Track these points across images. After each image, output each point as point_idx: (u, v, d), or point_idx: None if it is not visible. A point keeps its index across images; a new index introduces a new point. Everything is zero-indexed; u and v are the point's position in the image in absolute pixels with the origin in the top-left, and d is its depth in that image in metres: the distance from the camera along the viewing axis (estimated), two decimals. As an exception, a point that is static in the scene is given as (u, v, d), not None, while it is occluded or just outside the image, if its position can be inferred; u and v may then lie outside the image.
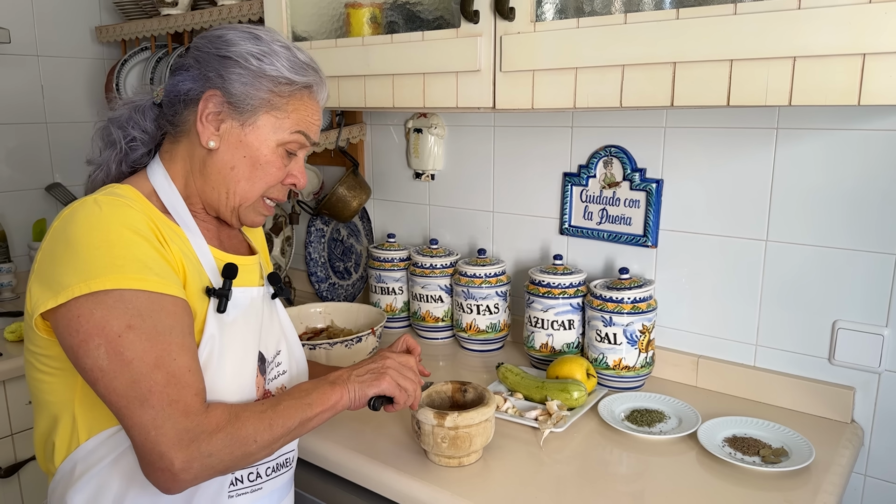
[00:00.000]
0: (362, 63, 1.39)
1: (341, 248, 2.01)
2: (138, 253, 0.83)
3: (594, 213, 1.55)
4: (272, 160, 0.96)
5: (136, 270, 0.81)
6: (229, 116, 0.94)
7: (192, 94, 0.94)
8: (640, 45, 1.04)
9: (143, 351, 0.79)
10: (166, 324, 0.82)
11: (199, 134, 0.94)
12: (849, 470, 1.15)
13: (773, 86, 0.94)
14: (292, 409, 0.89)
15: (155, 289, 0.82)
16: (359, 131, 1.92)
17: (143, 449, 0.79)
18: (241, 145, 0.95)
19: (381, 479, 1.13)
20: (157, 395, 0.79)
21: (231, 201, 0.98)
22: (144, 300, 0.81)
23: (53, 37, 2.26)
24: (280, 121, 0.95)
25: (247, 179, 0.96)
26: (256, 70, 0.92)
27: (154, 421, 0.78)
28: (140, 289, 0.80)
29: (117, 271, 0.80)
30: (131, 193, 0.92)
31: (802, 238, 1.30)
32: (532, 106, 1.18)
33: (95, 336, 0.79)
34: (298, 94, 0.96)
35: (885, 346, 1.24)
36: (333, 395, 0.94)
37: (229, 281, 0.94)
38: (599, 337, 1.41)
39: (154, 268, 0.83)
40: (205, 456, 0.80)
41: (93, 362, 0.79)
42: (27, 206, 2.26)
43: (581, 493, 1.06)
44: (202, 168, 0.96)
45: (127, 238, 0.83)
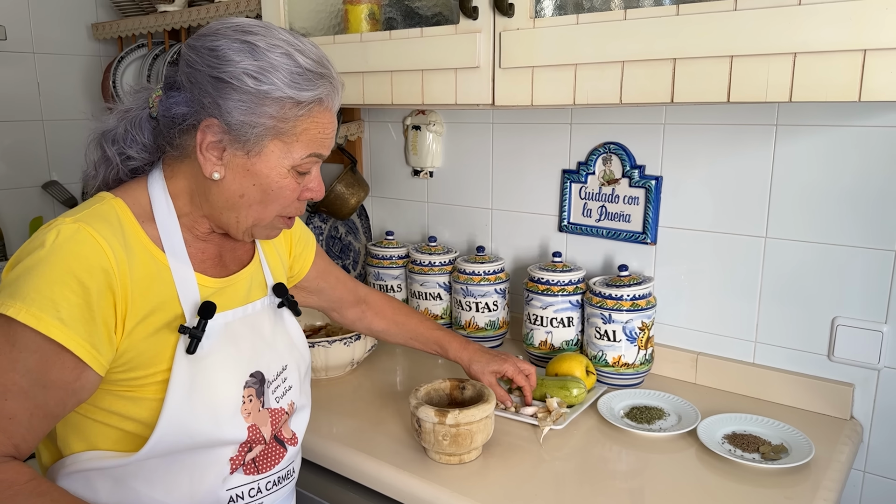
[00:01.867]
0: (360, 60, 1.38)
1: (339, 245, 2.00)
2: (57, 293, 0.78)
3: (593, 210, 1.55)
4: (285, 184, 0.90)
5: (40, 308, 0.77)
6: (231, 146, 0.87)
7: (188, 122, 0.87)
8: (640, 42, 1.03)
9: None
10: (29, 365, 0.78)
11: (202, 165, 0.88)
12: (848, 466, 1.15)
13: (774, 82, 0.94)
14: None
15: (45, 331, 0.77)
16: (357, 128, 1.92)
17: None
18: (249, 174, 0.88)
19: (381, 476, 1.13)
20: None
21: (242, 224, 0.93)
22: (28, 336, 0.77)
23: (50, 34, 2.25)
24: (289, 146, 0.88)
25: (259, 204, 0.91)
26: (255, 93, 0.84)
27: None
28: (28, 325, 0.77)
29: (28, 302, 0.77)
30: (115, 212, 0.87)
31: (802, 235, 1.29)
32: (531, 102, 1.18)
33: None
34: (307, 114, 0.87)
35: (885, 342, 1.24)
36: None
37: (204, 321, 0.88)
38: (599, 334, 1.41)
39: (62, 313, 0.78)
40: None
41: None
42: (23, 204, 2.25)
43: (581, 491, 1.06)
44: (207, 194, 0.91)
45: (57, 276, 0.79)
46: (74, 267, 0.79)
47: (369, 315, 1.34)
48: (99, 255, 0.81)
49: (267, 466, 0.97)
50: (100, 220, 0.84)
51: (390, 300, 1.38)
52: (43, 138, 2.27)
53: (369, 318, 1.34)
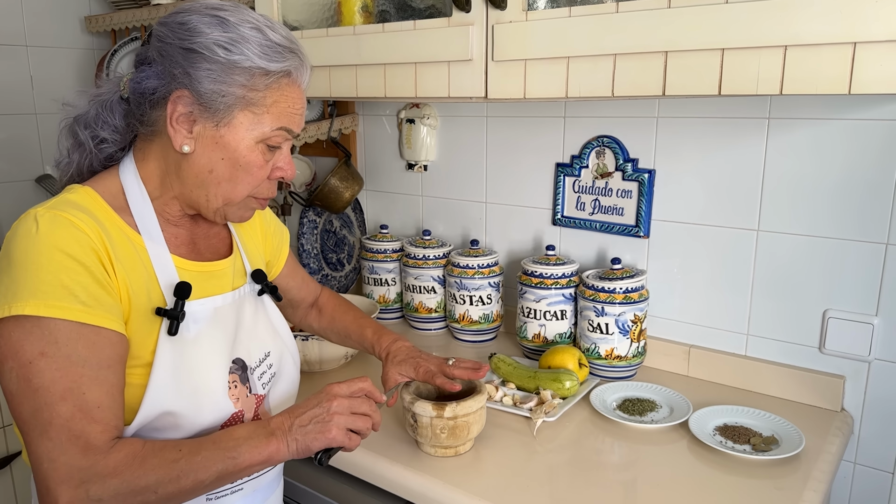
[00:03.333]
0: (354, 53, 1.38)
1: (334, 239, 2.00)
2: (66, 279, 0.78)
3: (586, 203, 1.56)
4: (253, 159, 0.89)
5: (58, 297, 0.77)
6: (201, 116, 0.87)
7: (158, 94, 0.87)
8: (632, 34, 1.04)
9: (51, 381, 0.76)
10: (82, 355, 0.77)
11: (172, 137, 0.87)
12: (838, 458, 1.16)
13: (765, 74, 0.94)
14: (211, 461, 0.81)
15: (75, 318, 0.77)
16: (351, 122, 1.92)
17: (35, 479, 0.76)
18: (218, 147, 0.88)
19: (375, 469, 1.13)
20: (57, 427, 0.75)
21: (213, 203, 0.92)
22: (63, 329, 0.77)
23: (42, 27, 2.24)
24: (258, 116, 0.88)
25: (228, 181, 0.90)
26: (226, 62, 0.84)
27: (49, 454, 0.75)
28: (59, 317, 0.76)
29: (39, 297, 0.76)
30: (86, 200, 0.86)
31: (793, 228, 1.30)
32: (524, 95, 1.18)
33: (9, 359, 0.76)
34: (276, 85, 0.88)
35: (875, 334, 1.24)
36: (268, 447, 0.84)
37: (181, 302, 0.87)
38: (591, 327, 1.41)
39: (80, 296, 0.78)
40: (92, 500, 0.74)
41: (5, 385, 0.77)
42: (17, 198, 2.24)
43: (573, 482, 1.06)
44: (178, 171, 0.90)
45: (57, 262, 0.78)
46: (68, 250, 0.79)
47: (313, 313, 1.31)
48: (82, 237, 0.81)
49: None
50: (72, 207, 0.83)
51: (338, 299, 1.33)
52: (36, 132, 2.26)
53: (313, 316, 1.31)
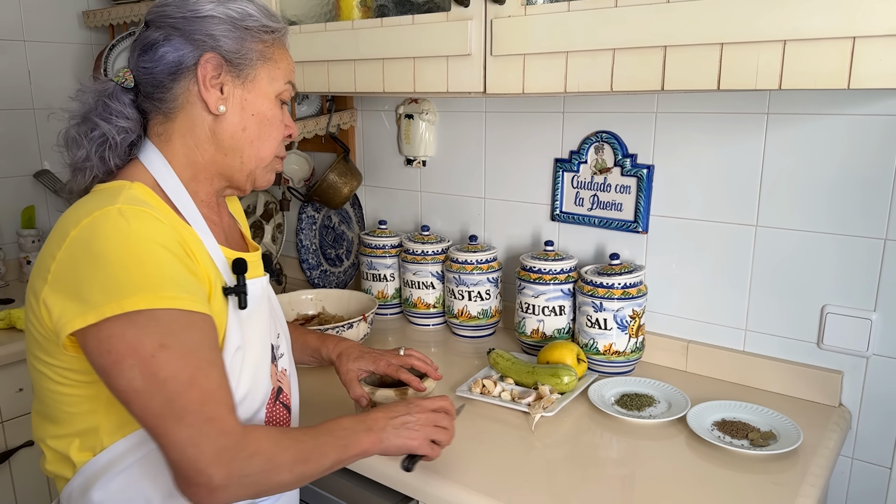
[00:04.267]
0: (352, 47, 1.37)
1: (332, 234, 2.00)
2: (170, 270, 0.79)
3: (585, 199, 1.55)
4: (276, 114, 0.96)
5: (167, 289, 0.78)
6: (229, 76, 0.91)
7: (185, 63, 0.89)
8: (631, 29, 1.03)
9: (176, 370, 0.77)
10: (196, 340, 0.80)
11: (206, 101, 0.90)
12: (836, 453, 1.16)
13: (764, 69, 0.94)
14: (329, 448, 0.88)
15: (185, 307, 0.79)
16: (349, 117, 1.91)
17: (179, 466, 0.77)
18: (248, 104, 0.93)
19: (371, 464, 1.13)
20: (193, 413, 0.77)
21: (247, 165, 0.95)
22: (176, 318, 0.78)
23: (40, 21, 2.23)
24: (273, 71, 0.94)
25: (259, 138, 0.95)
26: (241, 24, 0.90)
27: (192, 439, 0.76)
28: (171, 307, 0.78)
29: (149, 291, 0.77)
30: (150, 198, 0.87)
31: (792, 223, 1.30)
32: (523, 90, 1.18)
33: (128, 357, 0.76)
34: (279, 43, 0.96)
35: (873, 330, 1.24)
36: (367, 440, 0.92)
37: (242, 276, 0.91)
38: (590, 322, 1.41)
39: (184, 285, 0.80)
40: (242, 476, 0.78)
41: (127, 383, 0.77)
42: (15, 193, 2.24)
43: (571, 477, 1.06)
44: (212, 138, 0.92)
45: (158, 255, 0.79)
46: (163, 242, 0.80)
47: None
48: (166, 227, 0.82)
49: None
50: (141, 202, 0.84)
51: None
52: (34, 127, 2.26)
53: None
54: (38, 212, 2.29)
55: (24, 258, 2.18)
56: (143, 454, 0.86)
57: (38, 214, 2.29)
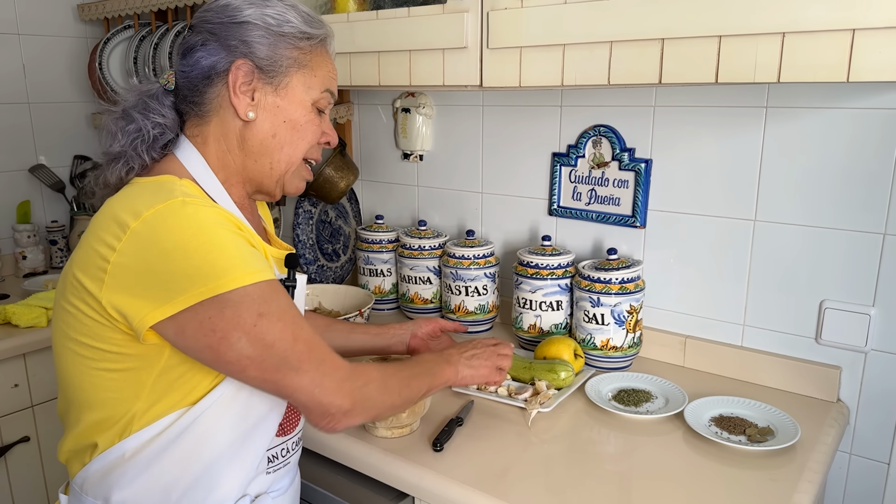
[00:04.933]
0: (348, 40, 1.36)
1: (329, 229, 1.99)
2: (244, 250, 0.84)
3: (583, 193, 1.54)
4: (310, 119, 0.96)
5: (248, 265, 0.83)
6: (261, 83, 0.92)
7: (218, 68, 0.91)
8: (628, 21, 1.02)
9: (279, 332, 0.84)
10: (284, 303, 0.86)
11: (236, 107, 0.92)
12: (834, 448, 1.16)
13: (762, 62, 0.93)
14: (423, 376, 1.02)
15: (265, 277, 0.84)
16: (346, 111, 1.90)
17: (310, 405, 0.86)
18: (279, 110, 0.93)
19: (370, 462, 1.13)
20: (307, 361, 0.85)
21: (276, 170, 0.96)
22: (262, 289, 0.83)
23: (35, 15, 2.22)
24: (309, 79, 0.94)
25: (289, 144, 0.95)
26: (276, 30, 0.91)
27: (314, 380, 0.85)
28: (256, 281, 0.83)
29: (233, 271, 0.81)
30: (200, 194, 0.90)
31: (790, 218, 1.29)
32: (519, 83, 1.17)
33: (233, 331, 0.81)
34: (318, 49, 0.95)
35: (872, 325, 1.24)
36: (449, 370, 1.07)
37: (293, 271, 0.96)
38: (587, 317, 1.40)
39: (258, 259, 0.85)
40: (364, 399, 0.90)
41: (237, 353, 0.82)
42: (10, 188, 2.23)
43: (568, 472, 1.06)
44: (241, 143, 0.94)
45: (229, 238, 0.83)
46: (229, 226, 0.84)
47: None
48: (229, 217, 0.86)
49: (291, 428, 1.02)
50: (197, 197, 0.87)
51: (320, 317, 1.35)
52: (29, 121, 2.25)
53: None
54: (34, 207, 2.28)
55: (19, 253, 2.17)
56: (168, 443, 0.87)
57: (34, 209, 2.28)
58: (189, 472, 0.89)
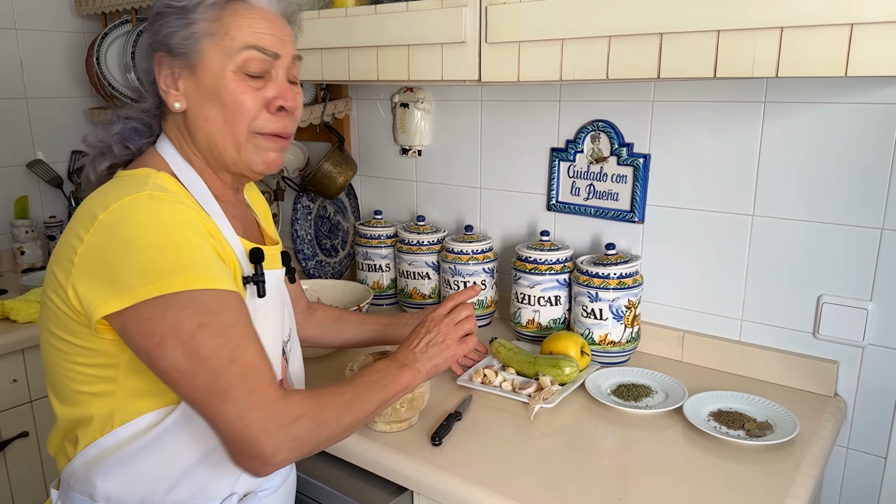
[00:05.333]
0: (346, 35, 1.36)
1: (328, 225, 1.99)
2: (202, 252, 0.81)
3: (581, 188, 1.55)
4: (237, 89, 0.88)
5: (200, 270, 0.79)
6: (180, 69, 0.89)
7: (149, 68, 0.91)
8: (627, 16, 1.02)
9: (217, 347, 0.78)
10: (232, 317, 0.81)
11: (166, 100, 0.90)
12: (831, 443, 1.16)
13: (760, 57, 0.93)
14: (371, 393, 0.93)
15: (218, 286, 0.80)
16: (344, 106, 1.90)
17: (230, 440, 0.79)
18: (203, 91, 0.89)
19: (367, 455, 1.13)
20: (237, 387, 0.78)
21: (226, 153, 0.91)
22: (211, 298, 0.79)
23: (32, 9, 2.21)
24: (224, 45, 0.87)
25: (224, 121, 0.89)
26: (180, 8, 0.87)
27: (238, 413, 0.78)
28: (206, 288, 0.79)
29: (184, 272, 0.78)
30: (175, 187, 0.88)
31: (788, 213, 1.29)
32: (518, 78, 1.17)
33: (170, 338, 0.77)
34: (231, 9, 0.88)
35: (869, 320, 1.24)
36: (405, 377, 0.98)
37: (260, 265, 0.92)
38: (585, 312, 1.40)
39: (215, 265, 0.82)
40: (291, 440, 0.80)
41: (170, 364, 0.78)
42: (8, 183, 2.22)
43: (568, 467, 1.06)
44: (189, 133, 0.92)
45: (190, 238, 0.81)
46: (193, 226, 0.82)
47: (318, 316, 1.31)
48: (194, 214, 0.84)
49: None
50: (167, 191, 0.85)
51: (332, 308, 1.35)
52: (27, 116, 2.24)
53: (319, 318, 1.30)
54: (32, 202, 2.27)
55: (17, 249, 2.17)
56: (150, 442, 0.86)
57: (32, 204, 2.27)
58: (173, 471, 0.88)
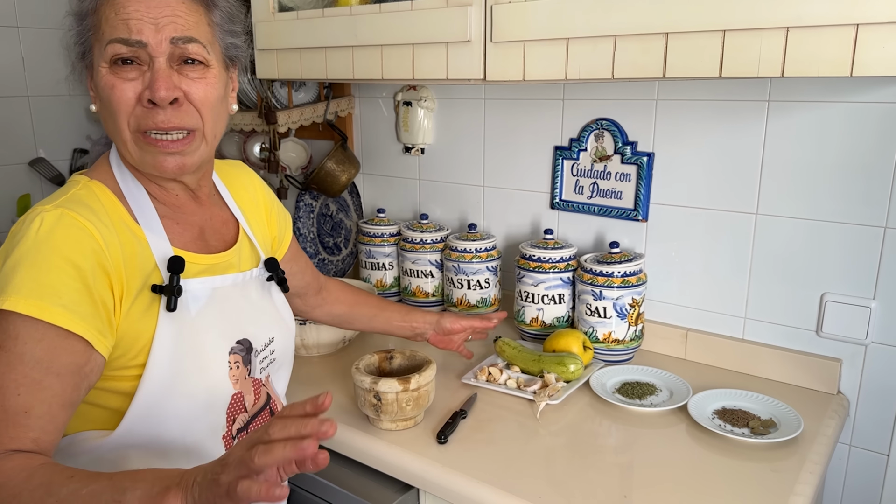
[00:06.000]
0: (350, 34, 1.36)
1: (331, 223, 1.99)
2: (55, 280, 0.77)
3: (585, 187, 1.55)
4: (107, 83, 0.85)
5: (39, 297, 0.76)
6: (87, 70, 0.90)
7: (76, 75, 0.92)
8: (632, 15, 1.02)
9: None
10: (37, 356, 0.75)
11: None
12: (834, 440, 1.17)
13: (766, 56, 0.93)
14: (97, 498, 0.68)
15: (50, 319, 0.76)
16: (347, 104, 1.90)
17: None
18: (97, 89, 0.89)
19: (368, 450, 1.13)
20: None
21: (126, 155, 0.89)
22: (29, 327, 0.75)
23: (34, 7, 2.20)
24: (100, 38, 0.86)
25: (107, 120, 0.88)
26: (77, 12, 0.88)
27: None
28: (34, 316, 0.75)
29: (23, 294, 0.76)
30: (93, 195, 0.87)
31: (792, 211, 1.30)
32: (523, 77, 1.17)
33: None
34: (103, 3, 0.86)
35: (872, 318, 1.25)
36: (162, 500, 0.66)
37: (176, 277, 0.87)
38: (589, 311, 1.41)
39: (64, 298, 0.77)
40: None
41: None
42: (10, 182, 2.22)
43: (573, 464, 1.07)
44: None
45: (53, 263, 0.78)
46: (66, 251, 0.79)
47: (329, 301, 1.32)
48: (87, 237, 0.81)
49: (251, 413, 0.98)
50: (79, 204, 0.84)
51: (349, 286, 1.37)
52: (29, 115, 2.24)
53: (329, 304, 1.32)
54: (34, 200, 2.27)
55: (20, 247, 2.16)
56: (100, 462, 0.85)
57: (34, 203, 2.26)
58: None
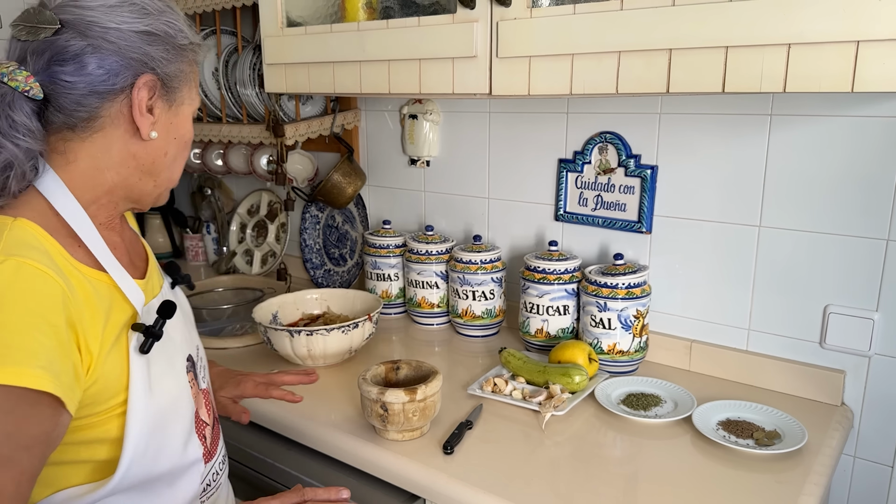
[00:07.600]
0: (357, 49, 1.38)
1: (336, 234, 2.01)
2: (32, 343, 0.71)
3: (589, 199, 1.56)
4: (190, 129, 0.92)
5: (15, 362, 0.69)
6: (161, 100, 0.85)
7: (117, 83, 0.80)
8: (636, 32, 1.04)
9: None
10: (7, 430, 0.69)
11: (139, 126, 0.83)
12: (838, 452, 1.18)
13: (768, 72, 0.95)
14: None
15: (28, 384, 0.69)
16: (353, 117, 1.92)
17: None
18: (172, 127, 0.88)
19: (375, 460, 1.14)
20: None
21: (161, 187, 0.91)
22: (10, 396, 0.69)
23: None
24: (192, 90, 0.90)
25: (175, 160, 0.90)
26: (174, 42, 0.85)
27: None
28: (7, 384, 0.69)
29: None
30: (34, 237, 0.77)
31: (795, 224, 1.31)
32: (528, 92, 1.19)
33: None
34: (195, 56, 0.90)
35: (876, 330, 1.25)
36: None
37: (161, 320, 0.85)
38: (594, 322, 1.42)
39: (43, 361, 0.71)
40: None
41: None
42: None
43: (578, 476, 1.07)
44: (130, 161, 0.85)
45: (25, 323, 0.71)
46: (35, 307, 0.72)
47: None
48: (52, 286, 0.74)
49: (215, 447, 1.00)
50: (29, 249, 0.75)
51: None
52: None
53: None
54: None
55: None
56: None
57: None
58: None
